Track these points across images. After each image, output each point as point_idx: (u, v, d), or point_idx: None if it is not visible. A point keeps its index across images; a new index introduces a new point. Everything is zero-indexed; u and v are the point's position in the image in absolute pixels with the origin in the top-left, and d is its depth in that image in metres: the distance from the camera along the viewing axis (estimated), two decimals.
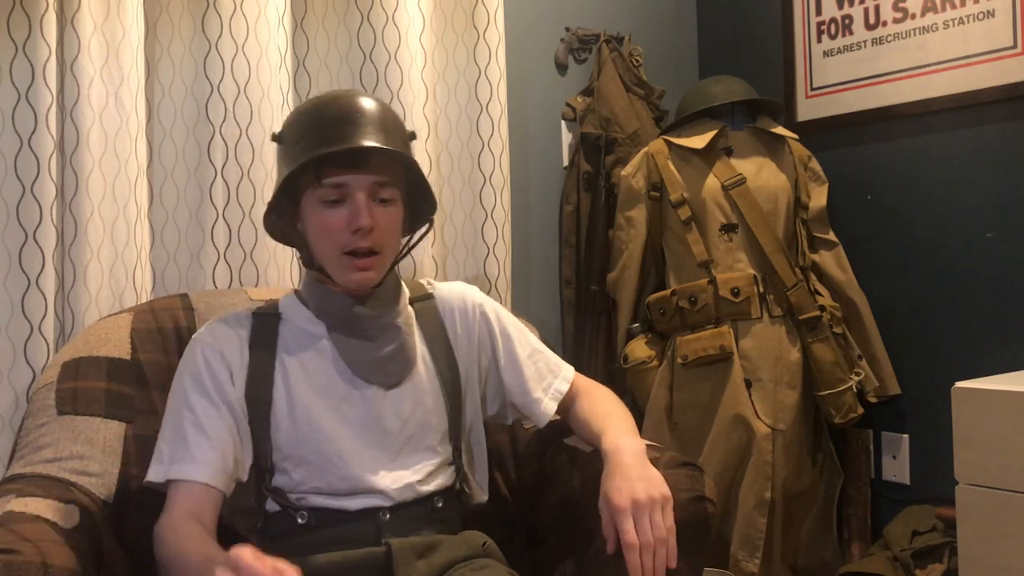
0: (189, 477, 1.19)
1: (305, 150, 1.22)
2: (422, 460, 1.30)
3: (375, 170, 1.24)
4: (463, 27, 2.00)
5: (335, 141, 1.21)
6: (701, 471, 1.31)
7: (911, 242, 2.20)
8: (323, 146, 1.21)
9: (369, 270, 1.25)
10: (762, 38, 2.49)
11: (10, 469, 1.31)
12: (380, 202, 1.25)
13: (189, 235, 1.71)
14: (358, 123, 1.23)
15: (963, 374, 1.77)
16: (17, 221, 1.49)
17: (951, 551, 1.87)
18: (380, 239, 1.25)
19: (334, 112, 1.24)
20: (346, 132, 1.22)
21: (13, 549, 1.02)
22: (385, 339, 1.30)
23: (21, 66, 1.48)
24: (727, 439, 2.06)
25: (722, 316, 2.09)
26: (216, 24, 1.69)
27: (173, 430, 1.23)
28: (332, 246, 1.24)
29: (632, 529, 1.16)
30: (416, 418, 1.31)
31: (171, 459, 1.21)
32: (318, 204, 1.24)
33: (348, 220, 1.22)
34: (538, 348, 1.45)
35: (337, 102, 1.26)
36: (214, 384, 1.25)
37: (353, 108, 1.24)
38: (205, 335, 1.29)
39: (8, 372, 1.48)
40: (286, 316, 1.32)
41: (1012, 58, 1.99)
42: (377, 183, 1.24)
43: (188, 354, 1.29)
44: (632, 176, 2.19)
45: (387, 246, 1.27)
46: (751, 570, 2.03)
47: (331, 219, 1.23)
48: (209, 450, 1.21)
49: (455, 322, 1.40)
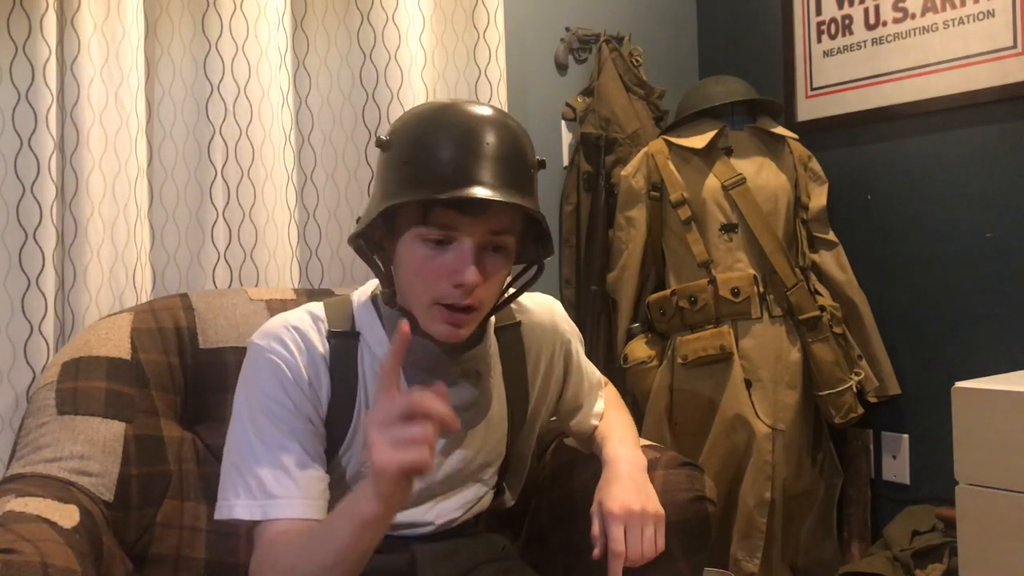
0: (301, 516, 1.07)
1: (411, 180, 1.04)
2: (471, 493, 1.26)
3: (491, 218, 1.05)
4: (463, 27, 2.00)
5: (450, 179, 1.02)
6: (701, 471, 1.31)
7: (911, 242, 2.20)
8: (434, 184, 1.02)
9: (461, 327, 1.09)
10: (762, 38, 2.49)
11: (10, 469, 1.30)
12: (492, 251, 1.07)
13: (189, 235, 1.71)
14: (477, 157, 1.03)
15: (963, 374, 1.77)
16: (17, 221, 1.48)
17: (951, 551, 1.87)
18: (483, 295, 1.08)
19: (451, 136, 1.04)
20: (464, 169, 1.02)
21: (13, 549, 1.01)
22: (465, 386, 1.18)
23: (21, 66, 1.48)
24: (727, 439, 2.06)
25: (722, 316, 2.09)
26: (216, 24, 1.69)
27: (263, 456, 1.09)
28: (425, 292, 1.07)
29: (622, 538, 1.14)
30: (479, 459, 1.25)
31: (271, 493, 1.07)
32: (418, 242, 1.06)
33: (451, 270, 1.05)
34: (590, 371, 1.40)
35: (456, 122, 1.05)
36: (304, 404, 1.12)
37: (474, 135, 1.04)
38: (281, 348, 1.13)
39: (8, 372, 1.48)
40: (364, 337, 1.17)
41: (1012, 58, 1.99)
42: (491, 233, 1.06)
43: (264, 368, 1.12)
44: (632, 176, 2.19)
45: (488, 300, 1.10)
46: (751, 570, 2.03)
47: (431, 264, 1.06)
48: (316, 480, 1.10)
49: (539, 359, 1.29)
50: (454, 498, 1.24)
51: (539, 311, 1.31)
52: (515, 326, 1.27)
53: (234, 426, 1.13)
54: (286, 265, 1.77)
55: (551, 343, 1.31)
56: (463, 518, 1.25)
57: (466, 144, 1.04)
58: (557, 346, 1.32)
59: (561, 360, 1.33)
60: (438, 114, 1.07)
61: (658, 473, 1.29)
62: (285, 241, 1.76)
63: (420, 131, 1.06)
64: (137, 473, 1.33)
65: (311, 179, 1.88)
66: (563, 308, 1.36)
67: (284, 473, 1.08)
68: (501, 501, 1.35)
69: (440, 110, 1.08)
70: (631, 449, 1.28)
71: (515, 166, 1.06)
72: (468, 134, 1.04)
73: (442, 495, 1.23)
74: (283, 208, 1.75)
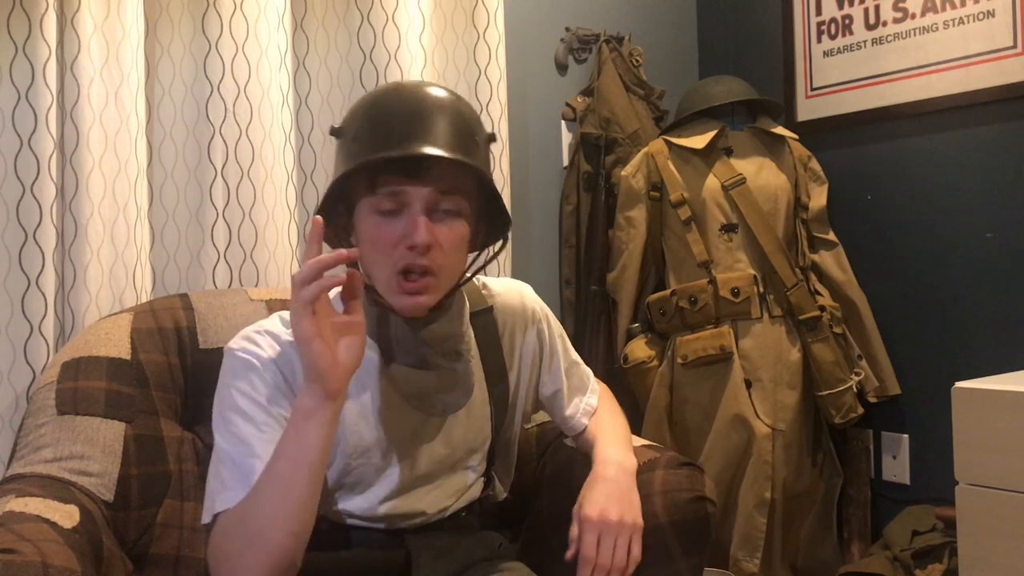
0: None
1: (361, 151, 1.08)
2: (460, 480, 1.26)
3: (438, 179, 1.08)
4: (463, 27, 2.00)
5: (394, 143, 1.06)
6: (701, 471, 1.31)
7: (911, 242, 2.20)
8: (379, 148, 1.06)
9: (421, 294, 1.10)
10: (762, 38, 2.49)
11: (10, 469, 1.30)
12: (443, 214, 1.10)
13: (189, 235, 1.71)
14: (422, 121, 1.07)
15: (963, 374, 1.77)
16: (17, 221, 1.48)
17: (951, 551, 1.86)
18: (439, 258, 1.09)
19: (396, 107, 1.09)
20: (408, 132, 1.07)
21: (13, 549, 1.01)
22: (446, 369, 1.20)
23: (21, 66, 1.48)
24: (727, 439, 2.06)
25: (722, 316, 2.09)
26: (216, 24, 1.69)
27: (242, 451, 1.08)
28: (384, 263, 1.10)
29: (594, 544, 1.14)
30: (465, 443, 1.25)
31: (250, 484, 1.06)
32: (371, 213, 1.09)
33: (403, 234, 1.08)
34: (574, 360, 1.39)
35: (401, 95, 1.11)
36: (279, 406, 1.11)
37: (419, 103, 1.09)
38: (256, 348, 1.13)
39: (8, 372, 1.48)
40: None
41: (1012, 58, 1.99)
42: (440, 193, 1.09)
43: (239, 373, 1.12)
44: (632, 176, 2.19)
45: (446, 266, 1.11)
46: (751, 570, 2.03)
47: (384, 231, 1.08)
48: None
49: (513, 340, 1.31)
50: (443, 486, 1.24)
51: (508, 294, 1.33)
52: (487, 311, 1.29)
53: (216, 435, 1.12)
54: (286, 265, 1.77)
55: (523, 323, 1.32)
56: (455, 506, 1.26)
57: (409, 110, 1.09)
58: (529, 324, 1.33)
59: (535, 338, 1.34)
60: (383, 92, 1.14)
61: (658, 473, 1.29)
62: (285, 241, 1.76)
63: (367, 110, 1.12)
64: (137, 473, 1.33)
65: (311, 179, 1.88)
66: (533, 291, 1.37)
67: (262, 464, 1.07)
68: (492, 493, 1.35)
69: (386, 89, 1.15)
70: (622, 450, 1.27)
71: (458, 130, 1.10)
72: (411, 100, 1.10)
73: (431, 483, 1.23)
74: (283, 208, 1.75)
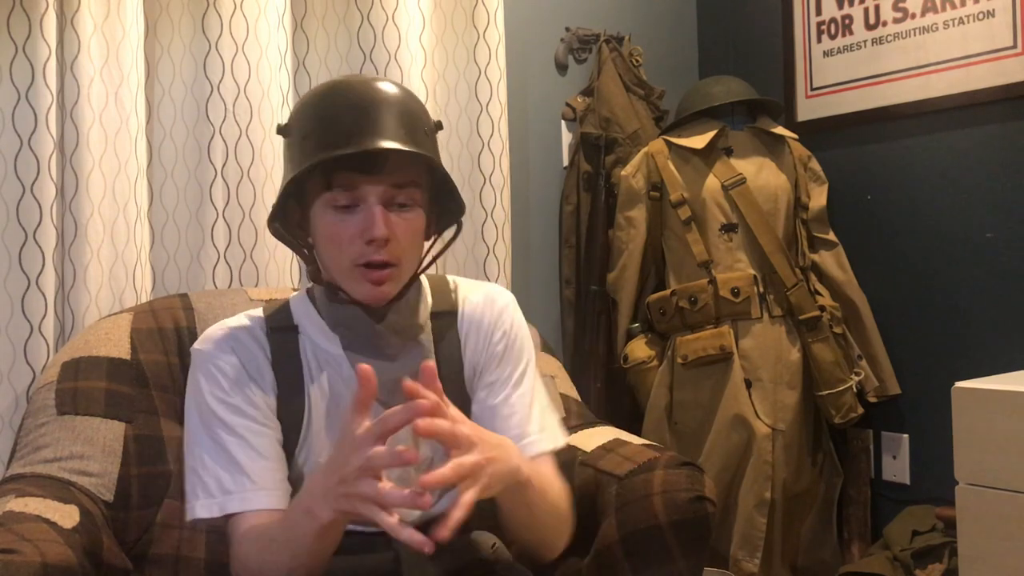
0: (260, 506, 1.09)
1: (313, 149, 1.08)
2: None
3: (392, 172, 1.10)
4: (463, 27, 2.00)
5: (346, 140, 1.07)
6: (701, 471, 1.31)
7: (911, 242, 2.20)
8: (332, 146, 1.07)
9: (384, 283, 1.12)
10: (762, 38, 2.49)
11: (10, 469, 1.31)
12: (398, 207, 1.11)
13: (189, 235, 1.71)
14: (373, 117, 1.08)
15: (963, 374, 1.77)
16: (17, 221, 1.48)
17: (951, 551, 1.86)
18: (397, 250, 1.11)
19: (346, 103, 1.09)
20: (359, 128, 1.07)
21: (13, 549, 1.01)
22: (406, 359, 1.18)
23: (21, 66, 1.48)
24: (727, 439, 2.06)
25: (722, 316, 2.09)
26: (216, 24, 1.69)
27: (216, 456, 1.11)
28: (343, 257, 1.11)
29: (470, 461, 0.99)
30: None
31: (227, 489, 1.10)
32: (327, 210, 1.10)
33: (361, 229, 1.09)
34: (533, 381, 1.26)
35: (349, 91, 1.11)
36: (249, 401, 1.14)
37: (368, 98, 1.10)
38: (217, 350, 1.16)
39: (8, 372, 1.48)
40: (303, 329, 1.20)
41: (1012, 58, 1.99)
42: (395, 187, 1.10)
43: (204, 371, 1.15)
44: (632, 176, 2.19)
45: (405, 257, 1.14)
46: (751, 570, 2.03)
47: (342, 227, 1.10)
48: (270, 471, 1.12)
49: (477, 352, 1.24)
50: None
51: (482, 302, 1.26)
52: (451, 314, 1.24)
53: (186, 430, 1.16)
54: (286, 265, 1.77)
55: (488, 333, 1.24)
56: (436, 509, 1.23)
57: (358, 106, 1.09)
58: (496, 337, 1.24)
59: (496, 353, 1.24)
60: (330, 88, 1.13)
61: (658, 473, 1.29)
62: None
63: (314, 106, 1.12)
64: (137, 473, 1.33)
65: None
66: (518, 307, 1.29)
67: (236, 468, 1.11)
68: None
69: (331, 85, 1.14)
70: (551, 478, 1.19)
71: (408, 122, 1.11)
72: (360, 96, 1.10)
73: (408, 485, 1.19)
74: None
